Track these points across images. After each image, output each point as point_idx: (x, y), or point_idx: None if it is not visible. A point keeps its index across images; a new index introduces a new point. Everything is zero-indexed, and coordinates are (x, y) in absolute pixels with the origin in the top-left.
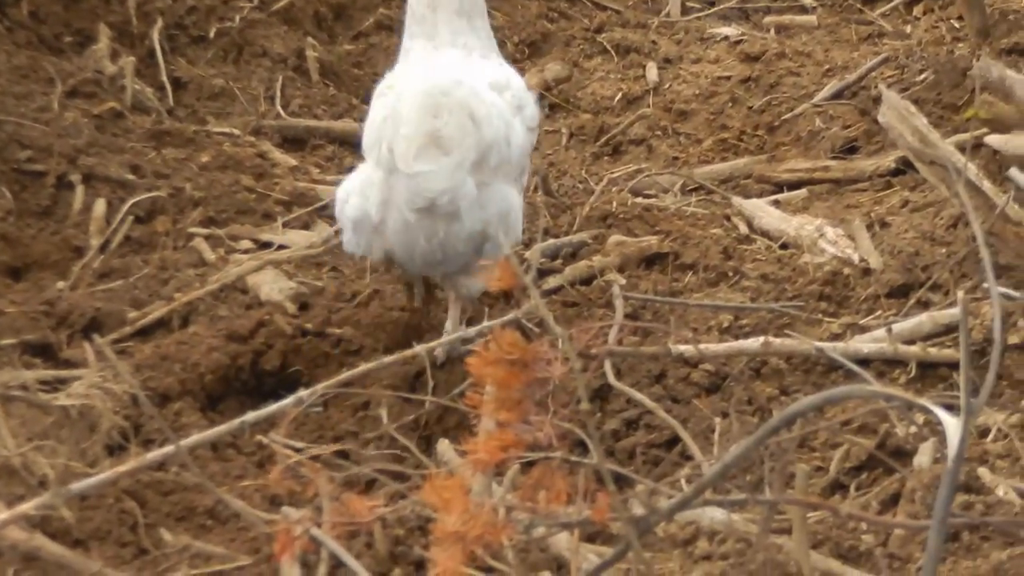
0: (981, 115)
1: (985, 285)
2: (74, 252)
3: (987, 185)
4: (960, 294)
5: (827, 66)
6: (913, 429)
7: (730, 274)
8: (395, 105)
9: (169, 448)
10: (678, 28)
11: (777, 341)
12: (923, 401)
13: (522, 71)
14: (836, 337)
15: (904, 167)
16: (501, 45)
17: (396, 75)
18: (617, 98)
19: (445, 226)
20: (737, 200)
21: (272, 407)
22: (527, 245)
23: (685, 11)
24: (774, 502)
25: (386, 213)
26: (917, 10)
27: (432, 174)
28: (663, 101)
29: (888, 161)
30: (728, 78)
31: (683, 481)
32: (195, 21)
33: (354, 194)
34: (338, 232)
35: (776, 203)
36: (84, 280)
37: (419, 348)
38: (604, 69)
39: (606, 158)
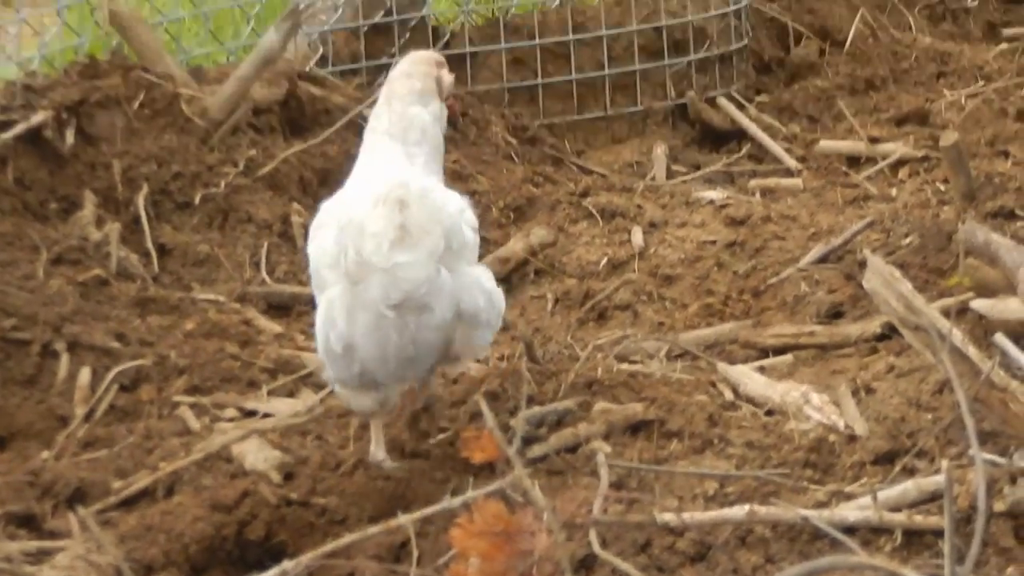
0: (965, 282)
1: (970, 452)
2: (59, 421)
3: (972, 351)
4: (945, 462)
5: (812, 230)
6: None
7: (715, 441)
8: (349, 215)
9: None
10: (663, 192)
11: (762, 509)
12: (908, 571)
13: (507, 236)
14: (822, 505)
15: (890, 332)
16: (486, 210)
17: (329, 205)
18: (602, 263)
19: (415, 318)
20: (722, 366)
21: None
22: (512, 413)
23: (670, 175)
24: None
25: (353, 318)
26: (902, 173)
27: (409, 265)
28: (648, 266)
29: (874, 326)
30: (713, 242)
31: None
32: (180, 187)
33: (320, 327)
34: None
35: (761, 369)
36: (69, 449)
37: (404, 518)
38: (589, 234)
39: (591, 324)
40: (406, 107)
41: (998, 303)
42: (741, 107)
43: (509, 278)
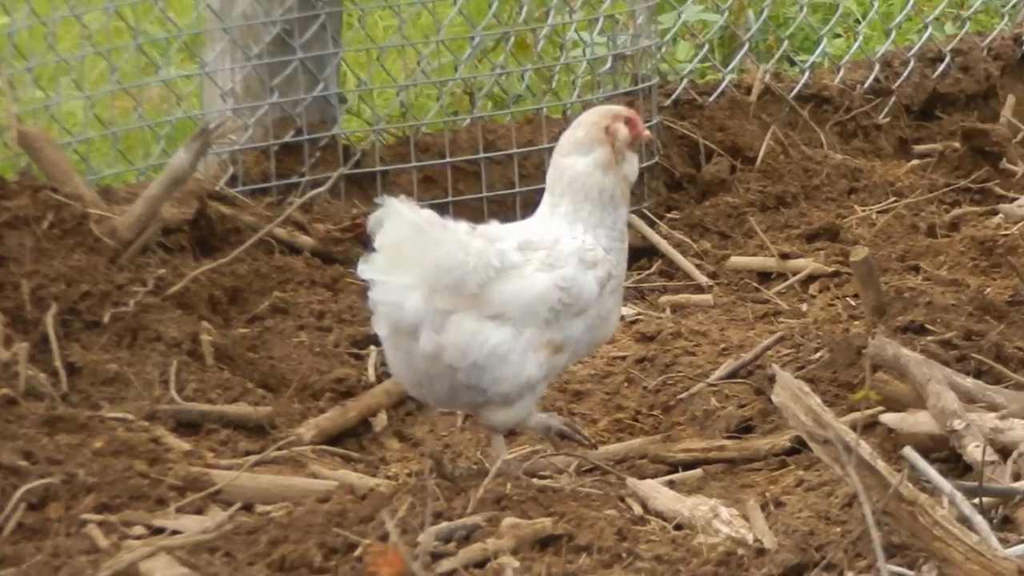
0: (872, 396)
1: (878, 565)
2: None
3: (881, 464)
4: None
5: (723, 345)
6: None
7: (624, 555)
8: None
9: None
10: None
11: None
12: None
13: None
14: None
15: (799, 446)
16: None
17: None
18: None
19: (406, 344)
20: (632, 481)
21: None
22: (421, 528)
23: None
24: None
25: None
26: (813, 288)
27: (377, 284)
28: (558, 382)
29: (783, 440)
30: (624, 358)
31: None
32: (89, 306)
33: None
34: None
35: (671, 483)
36: None
37: None
38: None
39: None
40: (561, 158)
41: (907, 417)
42: (652, 224)
43: None
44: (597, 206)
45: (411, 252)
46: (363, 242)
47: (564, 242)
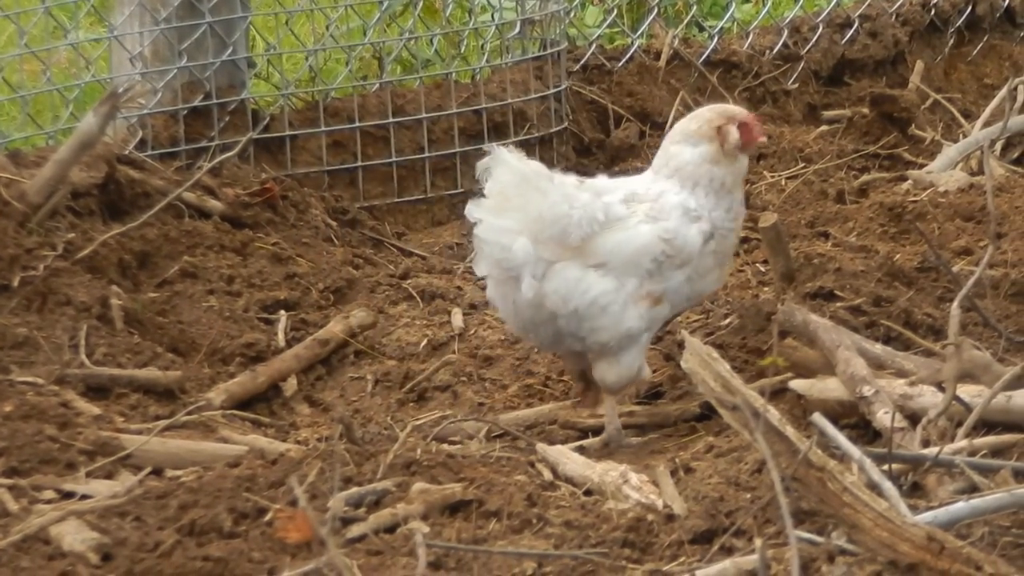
0: (779, 362)
1: (786, 531)
2: None
3: (790, 430)
4: (758, 541)
5: None
6: None
7: (534, 521)
8: None
9: None
10: None
11: None
12: None
13: (327, 318)
14: None
15: (709, 412)
16: (305, 293)
17: None
18: (422, 344)
19: (510, 288)
20: (541, 446)
21: None
22: (331, 492)
23: None
24: None
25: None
26: None
27: (482, 225)
28: (468, 347)
29: (693, 406)
30: None
31: None
32: None
33: None
34: None
35: (581, 449)
36: None
37: None
38: (409, 315)
39: (412, 405)
40: (669, 144)
41: (817, 383)
42: None
43: (329, 360)
44: (709, 191)
45: (517, 200)
46: (272, 206)
47: (668, 196)
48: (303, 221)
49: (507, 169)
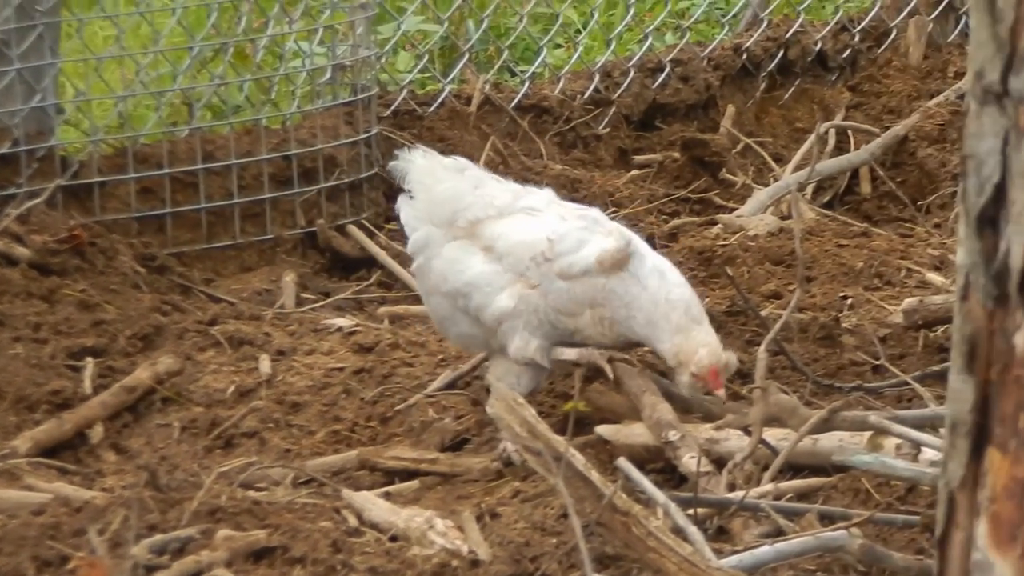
0: (581, 407)
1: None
2: None
3: (595, 475)
4: None
5: (440, 356)
6: None
7: (339, 567)
8: None
9: None
10: (292, 320)
11: None
12: None
13: (134, 365)
14: None
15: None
16: (113, 339)
17: None
18: (230, 391)
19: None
20: (347, 492)
21: None
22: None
23: (300, 303)
24: None
25: None
26: None
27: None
28: (276, 393)
29: (493, 465)
30: (341, 369)
31: None
32: None
33: None
34: None
35: (387, 495)
36: None
37: None
38: (217, 362)
39: (218, 451)
40: None
41: (623, 428)
42: (371, 235)
43: (136, 407)
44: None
45: (420, 188)
46: (80, 253)
47: (592, 211)
48: (111, 267)
49: (414, 166)
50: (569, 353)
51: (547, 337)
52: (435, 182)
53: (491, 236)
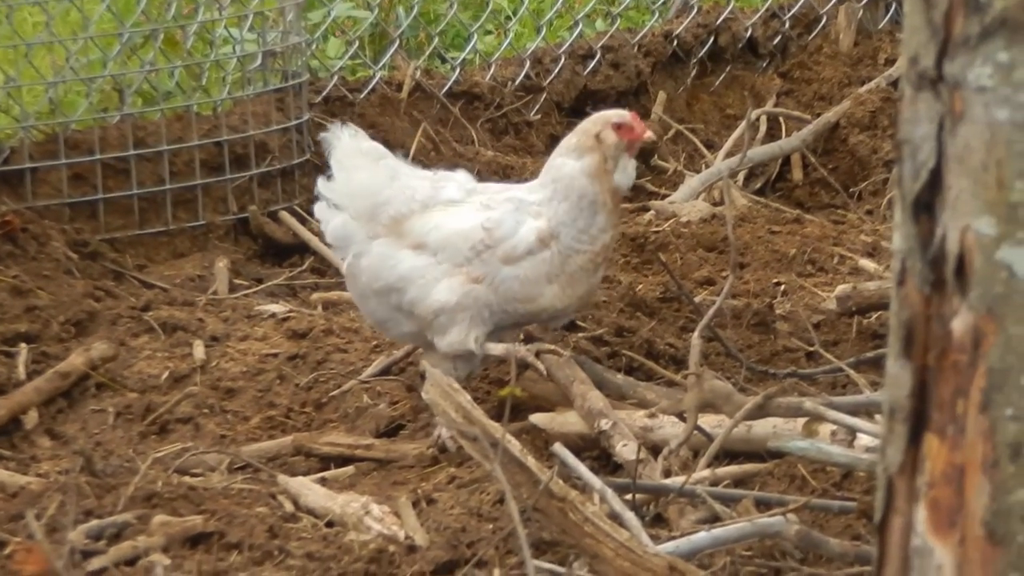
0: (517, 392)
1: (525, 562)
2: None
3: (531, 461)
4: (498, 572)
5: (375, 342)
6: None
7: (275, 553)
8: None
9: None
10: (225, 306)
11: None
12: None
13: (68, 351)
14: None
15: (443, 453)
16: (46, 325)
17: None
18: (164, 376)
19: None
20: (283, 478)
21: None
22: (76, 524)
23: (233, 289)
24: None
25: None
26: None
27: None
28: (210, 379)
29: (435, 438)
30: (276, 355)
31: None
32: None
33: None
34: None
35: (323, 480)
36: None
37: None
38: (151, 348)
39: (153, 437)
40: (555, 156)
41: (557, 417)
42: (303, 221)
43: (70, 393)
44: (574, 207)
45: (340, 175)
46: (12, 239)
47: (508, 192)
48: (43, 254)
49: (342, 142)
50: (496, 349)
51: (499, 326)
52: (353, 168)
53: (421, 231)
